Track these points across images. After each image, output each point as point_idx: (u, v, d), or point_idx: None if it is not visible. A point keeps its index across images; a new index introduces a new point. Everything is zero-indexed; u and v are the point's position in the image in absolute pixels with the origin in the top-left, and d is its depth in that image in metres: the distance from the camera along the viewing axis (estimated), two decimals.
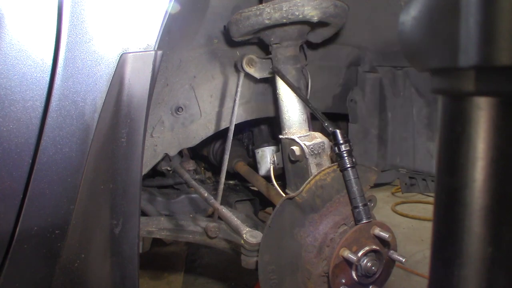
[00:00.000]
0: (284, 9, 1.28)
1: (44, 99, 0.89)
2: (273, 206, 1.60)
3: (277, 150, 1.81)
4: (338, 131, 1.20)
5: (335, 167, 1.24)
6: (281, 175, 1.64)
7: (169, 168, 1.83)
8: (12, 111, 0.87)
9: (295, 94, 1.42)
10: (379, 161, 1.81)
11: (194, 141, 1.55)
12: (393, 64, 1.71)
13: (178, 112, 1.49)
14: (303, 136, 1.40)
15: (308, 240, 1.23)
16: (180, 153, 1.88)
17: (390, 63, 1.71)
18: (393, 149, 1.79)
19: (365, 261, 1.20)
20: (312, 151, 1.34)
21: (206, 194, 1.55)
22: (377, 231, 1.22)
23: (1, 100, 0.86)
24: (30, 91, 0.87)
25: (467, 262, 0.43)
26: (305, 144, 1.34)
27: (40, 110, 0.89)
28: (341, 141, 1.19)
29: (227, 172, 1.55)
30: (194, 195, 1.88)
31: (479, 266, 0.42)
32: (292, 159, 1.36)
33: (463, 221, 0.43)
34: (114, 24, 0.93)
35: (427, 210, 3.95)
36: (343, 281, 1.21)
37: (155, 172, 1.93)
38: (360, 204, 1.21)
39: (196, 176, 1.93)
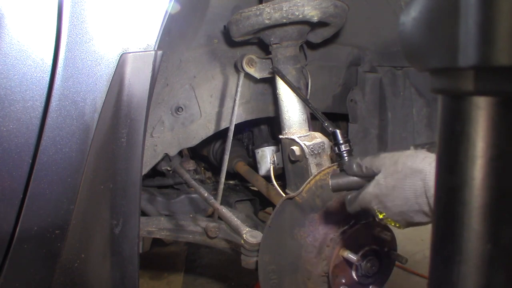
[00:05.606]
0: (284, 9, 1.28)
1: (44, 99, 0.89)
2: (273, 206, 1.60)
3: (277, 150, 1.81)
4: (338, 131, 1.20)
5: (335, 167, 1.24)
6: (281, 175, 1.64)
7: (169, 168, 1.84)
8: (12, 111, 0.87)
9: (295, 94, 1.42)
10: None
11: (194, 141, 1.55)
12: (393, 64, 1.71)
13: (178, 112, 1.49)
14: (303, 136, 1.40)
15: (308, 240, 1.23)
16: (180, 153, 1.89)
17: (390, 63, 1.71)
18: (393, 149, 1.79)
19: (365, 261, 1.20)
20: (312, 151, 1.34)
21: (206, 194, 1.55)
22: (377, 231, 1.22)
23: (1, 100, 0.86)
24: (30, 91, 0.87)
25: (466, 259, 0.43)
26: (305, 144, 1.34)
27: (40, 110, 0.89)
28: (341, 141, 1.19)
29: (227, 172, 1.55)
30: (194, 195, 1.88)
31: (478, 263, 0.43)
32: (292, 159, 1.37)
33: (462, 218, 0.43)
34: (114, 24, 0.93)
35: None
36: (343, 281, 1.21)
37: (155, 172, 1.93)
38: None
39: (196, 176, 1.93)
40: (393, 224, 0.89)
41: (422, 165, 0.79)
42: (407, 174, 0.80)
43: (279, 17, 1.30)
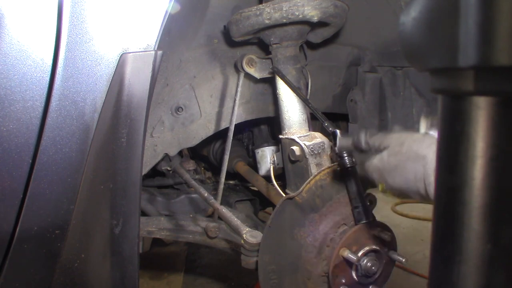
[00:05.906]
0: (284, 9, 1.28)
1: (44, 99, 0.89)
2: (273, 206, 1.60)
3: (277, 150, 1.81)
4: (338, 131, 1.20)
5: (335, 167, 1.24)
6: (281, 175, 1.64)
7: (169, 168, 1.83)
8: (12, 111, 0.87)
9: (295, 94, 1.42)
10: None
11: (194, 141, 1.55)
12: (393, 64, 1.70)
13: (178, 112, 1.49)
14: (303, 136, 1.40)
15: (308, 240, 1.23)
16: (180, 153, 1.89)
17: (390, 63, 1.71)
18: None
19: (365, 261, 1.20)
20: (312, 151, 1.34)
21: (206, 194, 1.55)
22: (377, 231, 1.22)
23: (1, 100, 0.86)
24: (30, 91, 0.87)
25: (466, 259, 0.43)
26: (305, 144, 1.34)
27: (40, 110, 0.89)
28: None
29: (227, 172, 1.55)
30: (194, 195, 1.88)
31: (478, 263, 0.43)
32: (292, 159, 1.37)
33: (462, 218, 0.43)
34: (114, 24, 0.93)
35: (427, 210, 3.94)
36: (343, 281, 1.21)
37: (155, 172, 1.93)
38: (360, 204, 1.21)
39: (196, 176, 1.93)
40: (391, 195, 0.93)
41: (426, 151, 0.81)
42: (410, 157, 0.83)
43: (279, 17, 1.30)
